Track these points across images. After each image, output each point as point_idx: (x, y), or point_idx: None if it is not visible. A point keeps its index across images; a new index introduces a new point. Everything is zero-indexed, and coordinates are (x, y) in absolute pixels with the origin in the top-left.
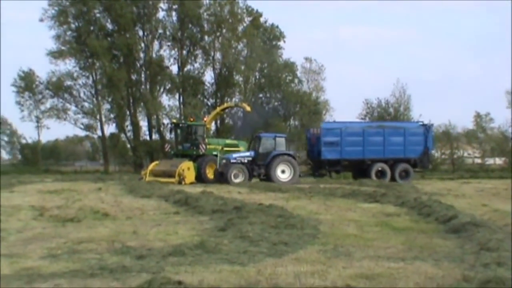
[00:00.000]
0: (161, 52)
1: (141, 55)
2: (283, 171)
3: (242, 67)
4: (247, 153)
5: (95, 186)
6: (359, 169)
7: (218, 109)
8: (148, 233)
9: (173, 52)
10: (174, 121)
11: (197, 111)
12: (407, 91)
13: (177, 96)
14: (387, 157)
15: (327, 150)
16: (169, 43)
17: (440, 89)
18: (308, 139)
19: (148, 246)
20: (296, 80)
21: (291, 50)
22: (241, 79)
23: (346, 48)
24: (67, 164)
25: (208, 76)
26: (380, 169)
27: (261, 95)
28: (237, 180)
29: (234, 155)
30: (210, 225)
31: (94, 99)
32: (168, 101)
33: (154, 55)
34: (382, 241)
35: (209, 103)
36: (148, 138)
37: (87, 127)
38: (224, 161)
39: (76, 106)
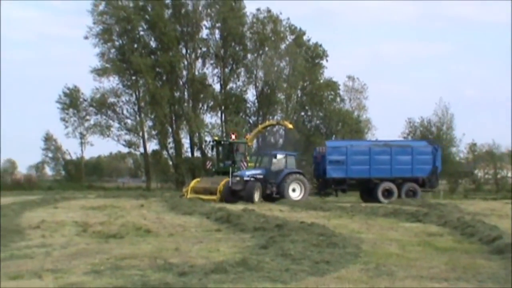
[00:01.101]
0: (204, 70)
1: (184, 73)
2: (293, 190)
3: (284, 85)
4: (259, 171)
5: (138, 203)
6: (366, 188)
7: (260, 127)
8: (190, 250)
9: (215, 70)
10: (216, 138)
11: (239, 129)
12: (450, 110)
13: (219, 114)
14: (394, 176)
15: (332, 168)
16: (211, 61)
17: (484, 107)
18: (314, 157)
19: (190, 263)
20: (338, 99)
21: (333, 69)
22: (283, 97)
23: (388, 66)
24: (109, 181)
25: (250, 94)
26: (387, 188)
27: (302, 113)
28: (256, 198)
29: (247, 173)
30: (252, 242)
31: (137, 116)
32: (210, 118)
33: (196, 73)
34: (424, 261)
35: (251, 121)
36: (190, 155)
37: (130, 144)
38: (237, 178)
39: (119, 123)
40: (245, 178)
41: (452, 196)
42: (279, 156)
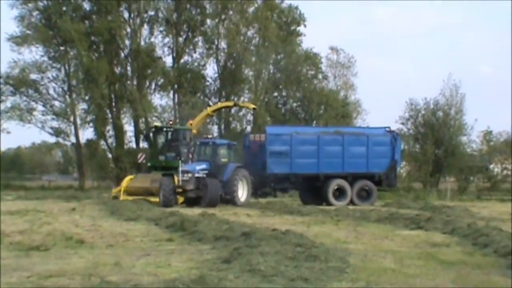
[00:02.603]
0: (152, 39)
1: (127, 42)
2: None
3: (253, 59)
4: (204, 165)
5: (68, 206)
6: (312, 187)
7: (208, 109)
8: (134, 265)
9: (166, 39)
10: (157, 124)
11: (196, 113)
12: (460, 89)
13: (171, 94)
14: (346, 172)
15: (274, 162)
16: (161, 28)
17: (501, 87)
18: (246, 147)
19: (134, 281)
20: (320, 75)
21: (313, 38)
22: (251, 73)
23: (381, 36)
24: (32, 178)
25: (210, 70)
26: (339, 186)
27: (276, 94)
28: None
29: (198, 167)
30: (211, 255)
31: (67, 97)
32: (160, 100)
33: (142, 43)
34: (426, 278)
35: (210, 103)
36: (134, 146)
37: (58, 132)
38: (189, 175)
39: (44, 105)
40: (196, 175)
41: (461, 197)
42: (223, 146)
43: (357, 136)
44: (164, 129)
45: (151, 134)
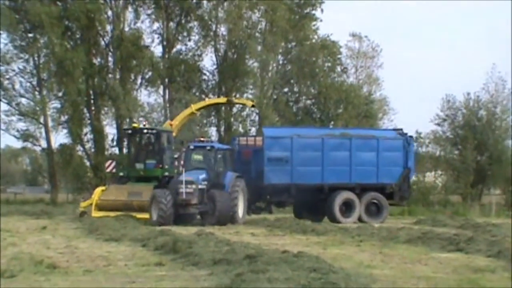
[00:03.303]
0: (138, 24)
1: (108, 28)
2: None
3: (258, 48)
4: (203, 174)
5: (38, 224)
6: (314, 200)
7: (193, 107)
8: None
9: (155, 25)
10: (135, 125)
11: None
12: (508, 84)
13: (161, 89)
14: (354, 182)
15: (272, 170)
16: (149, 11)
17: None
18: (237, 153)
19: None
20: (338, 68)
21: (331, 24)
22: (256, 64)
23: (410, 19)
24: None
25: (208, 61)
26: (347, 200)
27: (286, 90)
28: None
29: (201, 176)
30: (209, 282)
31: (37, 93)
32: (148, 97)
33: (127, 29)
34: None
35: None
36: (117, 151)
37: (26, 136)
38: (193, 186)
39: (9, 103)
40: (200, 186)
41: (509, 213)
42: (223, 151)
43: (365, 139)
44: (145, 131)
45: (125, 137)
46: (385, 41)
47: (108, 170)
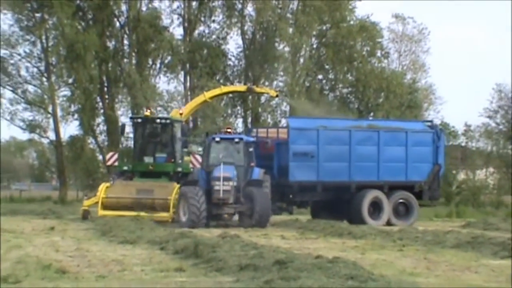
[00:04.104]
0: (156, 3)
1: (123, 8)
2: None
3: (290, 30)
4: (233, 170)
5: (45, 224)
6: (337, 199)
7: (206, 94)
8: None
9: (175, 4)
10: (147, 113)
11: (216, 103)
12: None
13: (181, 76)
14: (382, 181)
15: (298, 167)
16: None
17: None
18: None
19: None
20: (379, 52)
21: (371, 3)
22: (287, 49)
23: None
24: None
25: (233, 45)
26: (375, 199)
27: (320, 77)
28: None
29: (234, 173)
30: None
31: (45, 80)
32: (167, 84)
33: (144, 9)
34: None
35: None
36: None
37: (32, 127)
38: (230, 183)
39: (14, 91)
40: (234, 183)
41: None
42: (252, 145)
43: (394, 132)
44: (157, 120)
45: (132, 127)
46: (432, 22)
47: (109, 163)
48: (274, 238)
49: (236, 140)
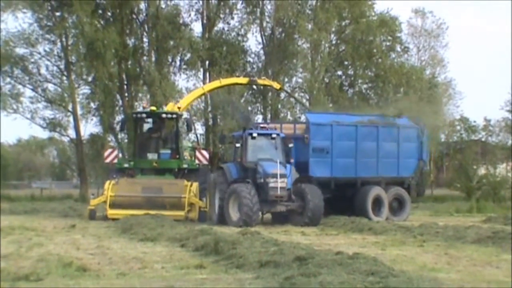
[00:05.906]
0: (176, 0)
1: (142, 5)
2: None
3: (309, 26)
4: (283, 166)
5: (66, 222)
6: (343, 196)
7: (205, 87)
8: None
9: (194, 1)
10: (153, 108)
11: (236, 97)
12: None
13: (201, 73)
14: (380, 176)
15: (317, 162)
16: None
17: None
18: None
19: None
20: (398, 47)
21: None
22: (306, 45)
23: None
24: (19, 185)
25: (253, 41)
26: (377, 196)
27: (340, 73)
28: None
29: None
30: (255, 286)
31: (65, 78)
32: (187, 81)
33: (163, 6)
34: None
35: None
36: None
37: (53, 125)
38: (285, 180)
39: (34, 89)
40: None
41: None
42: (288, 140)
43: (389, 128)
44: (163, 115)
45: (135, 123)
46: (452, 16)
47: (108, 160)
48: (294, 234)
49: (273, 135)
